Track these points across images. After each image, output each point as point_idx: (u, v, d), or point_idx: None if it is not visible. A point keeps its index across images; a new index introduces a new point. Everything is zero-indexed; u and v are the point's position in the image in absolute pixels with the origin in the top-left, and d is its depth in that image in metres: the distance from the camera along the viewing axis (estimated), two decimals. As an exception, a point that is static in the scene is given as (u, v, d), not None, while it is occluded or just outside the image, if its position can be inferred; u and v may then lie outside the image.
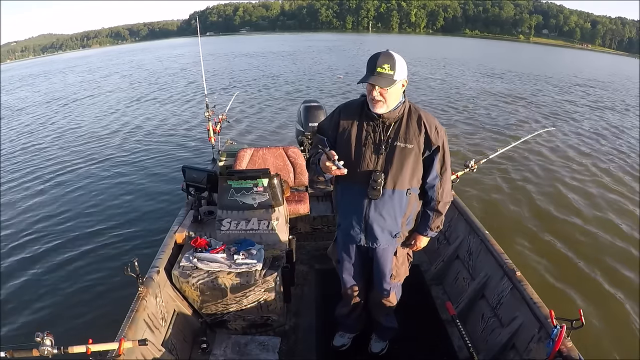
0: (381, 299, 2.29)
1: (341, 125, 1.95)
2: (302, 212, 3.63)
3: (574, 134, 10.20)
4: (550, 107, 13.77)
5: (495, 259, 2.70)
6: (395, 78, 1.75)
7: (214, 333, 2.72)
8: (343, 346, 2.58)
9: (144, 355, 2.04)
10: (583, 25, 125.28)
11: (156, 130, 10.52)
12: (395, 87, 1.79)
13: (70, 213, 5.84)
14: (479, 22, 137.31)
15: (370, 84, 1.77)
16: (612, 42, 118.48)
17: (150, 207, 5.90)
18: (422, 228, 2.10)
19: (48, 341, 1.66)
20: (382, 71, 1.73)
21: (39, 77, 30.27)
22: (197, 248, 2.68)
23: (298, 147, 4.17)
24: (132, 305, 2.18)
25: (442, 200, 2.00)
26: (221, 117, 5.03)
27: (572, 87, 19.55)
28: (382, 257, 2.14)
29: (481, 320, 2.64)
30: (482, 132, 9.99)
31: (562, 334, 1.82)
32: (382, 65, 1.73)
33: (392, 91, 1.79)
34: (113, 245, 4.92)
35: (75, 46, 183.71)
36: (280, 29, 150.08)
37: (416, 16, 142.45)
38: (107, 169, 7.64)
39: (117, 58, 44.65)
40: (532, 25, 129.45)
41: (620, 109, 14.42)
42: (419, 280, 3.25)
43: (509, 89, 17.36)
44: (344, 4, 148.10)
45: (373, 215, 1.97)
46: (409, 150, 1.87)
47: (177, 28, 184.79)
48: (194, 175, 3.11)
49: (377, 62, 1.73)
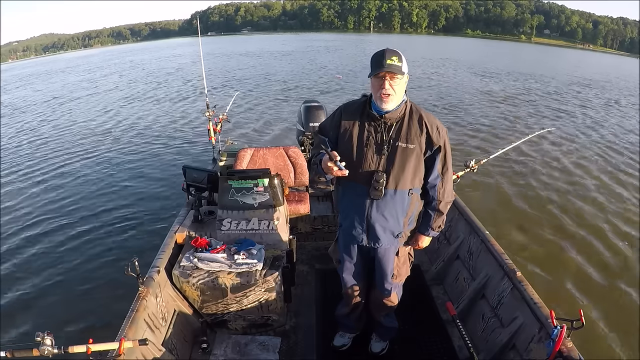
0: (382, 298, 2.29)
1: (342, 126, 1.95)
2: (302, 212, 3.62)
3: (575, 134, 10.19)
4: (550, 107, 13.77)
5: (495, 259, 2.69)
6: (403, 70, 1.78)
7: (214, 333, 2.72)
8: (343, 346, 2.58)
9: (144, 355, 2.05)
10: (584, 25, 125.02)
11: (156, 130, 10.53)
12: (403, 81, 1.82)
13: (70, 213, 5.85)
14: (480, 22, 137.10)
15: (380, 79, 1.79)
16: (613, 43, 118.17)
17: (150, 207, 5.91)
18: (423, 228, 2.10)
19: (48, 341, 1.66)
20: (392, 62, 1.75)
21: (40, 76, 30.31)
22: (197, 248, 2.68)
23: (298, 147, 4.16)
24: (132, 305, 2.18)
25: (444, 200, 2.00)
26: (222, 117, 5.02)
27: (572, 87, 19.52)
28: (384, 257, 2.14)
29: (481, 321, 2.63)
30: (482, 132, 9.99)
31: (563, 334, 1.82)
32: (391, 57, 1.75)
33: (400, 84, 1.81)
34: (113, 245, 4.93)
35: (76, 46, 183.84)
36: (282, 29, 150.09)
37: (417, 16, 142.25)
38: (108, 169, 7.66)
39: (118, 58, 44.71)
40: (534, 25, 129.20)
41: (621, 108, 14.40)
42: (420, 280, 3.24)
43: (509, 89, 17.35)
44: (345, 4, 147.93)
45: (375, 215, 1.97)
46: (411, 151, 1.87)
47: (178, 28, 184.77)
48: (194, 175, 3.11)
49: (385, 55, 1.76)
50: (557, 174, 7.29)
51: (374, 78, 1.82)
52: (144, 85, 19.61)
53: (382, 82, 1.79)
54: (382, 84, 1.79)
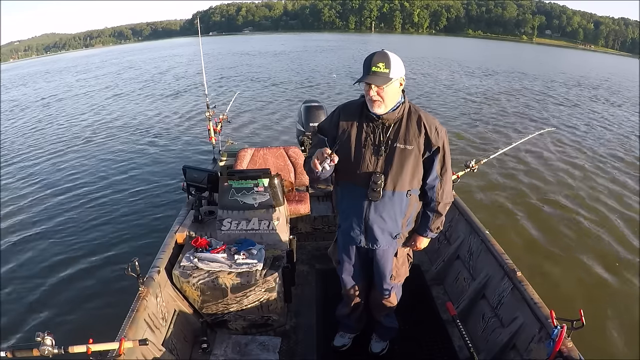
0: (382, 299, 2.29)
1: (341, 126, 1.94)
2: (302, 212, 3.62)
3: (575, 134, 10.18)
4: (551, 107, 13.75)
5: (495, 259, 2.69)
6: (391, 76, 1.75)
7: (214, 333, 2.72)
8: (343, 346, 2.58)
9: (145, 355, 2.05)
10: (586, 25, 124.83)
11: (157, 130, 10.54)
12: (392, 86, 1.78)
13: (70, 213, 5.86)
14: (481, 22, 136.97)
15: (367, 84, 1.77)
16: (614, 43, 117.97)
17: (150, 207, 5.91)
18: (422, 229, 2.10)
19: (49, 341, 1.66)
20: (377, 70, 1.73)
21: (42, 75, 30.33)
22: (197, 248, 2.69)
23: (299, 147, 4.16)
24: (132, 305, 2.18)
25: (442, 201, 1.99)
26: (222, 116, 5.02)
27: (573, 87, 19.51)
28: (383, 258, 2.13)
29: (482, 321, 2.63)
30: (482, 132, 9.98)
31: (563, 334, 1.81)
32: (377, 64, 1.73)
33: (389, 90, 1.78)
34: (113, 245, 4.93)
35: (78, 46, 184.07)
36: (283, 29, 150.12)
37: (419, 16, 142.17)
38: (108, 169, 7.66)
39: (119, 57, 44.71)
40: (535, 25, 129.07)
41: (623, 108, 14.38)
42: (420, 280, 3.24)
43: (510, 89, 17.32)
44: (346, 4, 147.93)
45: (373, 216, 1.96)
46: (409, 152, 1.86)
47: (179, 28, 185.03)
48: (194, 175, 3.11)
49: (371, 62, 1.73)
50: (557, 174, 7.28)
51: (364, 82, 1.80)
52: (144, 85, 19.60)
53: (369, 88, 1.78)
54: (369, 90, 1.78)
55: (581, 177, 7.20)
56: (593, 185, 6.89)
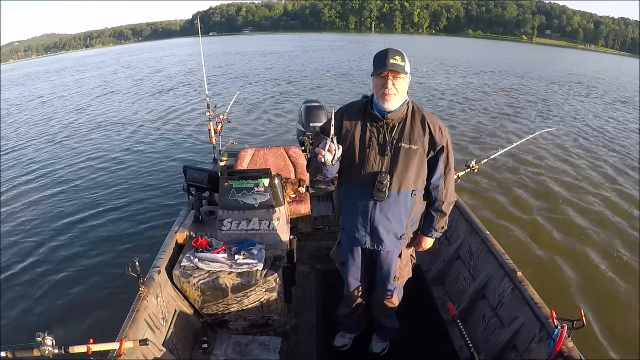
0: (384, 300, 2.29)
1: (344, 127, 1.93)
2: (303, 212, 3.62)
3: (575, 134, 10.16)
4: (551, 107, 13.73)
5: (496, 259, 2.69)
6: (406, 69, 1.78)
7: (214, 333, 2.72)
8: (344, 346, 2.58)
9: (145, 355, 2.05)
10: (586, 25, 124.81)
11: (157, 130, 10.53)
12: (405, 80, 1.81)
13: (70, 213, 5.85)
14: (482, 22, 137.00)
15: (383, 78, 1.77)
16: (615, 43, 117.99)
17: (151, 207, 5.90)
18: (426, 229, 2.10)
19: (49, 341, 1.66)
20: (395, 62, 1.74)
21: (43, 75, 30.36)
22: (198, 248, 2.69)
23: (299, 147, 4.16)
24: (133, 305, 2.18)
25: (446, 200, 2.00)
26: (222, 117, 5.02)
27: (573, 87, 19.49)
28: (387, 259, 2.13)
29: (482, 321, 2.63)
30: (483, 132, 9.97)
31: (563, 334, 1.81)
32: (394, 56, 1.74)
33: (403, 84, 1.80)
34: (114, 245, 4.92)
35: (78, 46, 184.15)
36: (283, 29, 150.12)
37: (419, 16, 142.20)
38: (108, 169, 7.66)
39: (119, 57, 44.74)
40: (535, 25, 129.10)
41: (623, 107, 14.37)
42: (420, 280, 3.24)
43: (510, 89, 17.31)
44: (346, 4, 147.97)
45: (379, 217, 1.96)
46: (414, 151, 1.87)
47: (180, 28, 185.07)
48: (195, 175, 3.11)
49: (388, 55, 1.75)
50: (557, 174, 7.27)
51: (376, 77, 1.80)
52: (143, 85, 19.60)
53: (384, 81, 1.77)
54: (385, 83, 1.77)
55: (581, 177, 7.19)
56: (593, 185, 6.88)
